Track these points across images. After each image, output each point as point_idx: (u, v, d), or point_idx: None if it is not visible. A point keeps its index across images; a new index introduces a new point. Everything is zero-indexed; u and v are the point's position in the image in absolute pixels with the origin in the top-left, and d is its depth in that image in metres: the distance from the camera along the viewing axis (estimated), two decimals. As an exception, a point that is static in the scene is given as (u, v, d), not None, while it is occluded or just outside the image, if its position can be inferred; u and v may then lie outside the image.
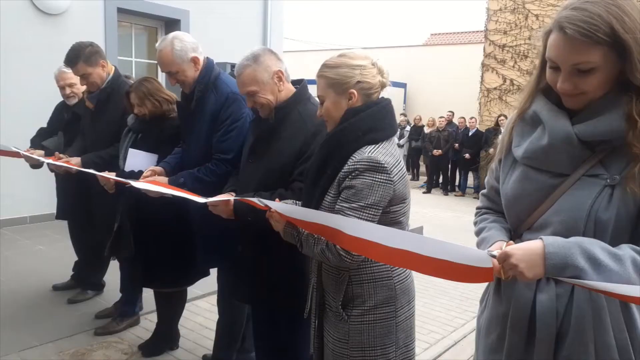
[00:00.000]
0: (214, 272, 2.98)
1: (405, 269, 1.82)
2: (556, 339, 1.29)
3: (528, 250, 1.16)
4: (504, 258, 1.18)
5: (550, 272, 1.14)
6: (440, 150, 11.71)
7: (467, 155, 11.26)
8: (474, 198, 11.25)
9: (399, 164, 1.74)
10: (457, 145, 11.56)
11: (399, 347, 1.80)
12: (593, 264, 1.12)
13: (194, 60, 2.57)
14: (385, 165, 1.65)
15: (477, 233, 1.52)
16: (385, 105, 1.79)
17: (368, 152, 1.67)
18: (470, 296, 4.56)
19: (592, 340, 1.25)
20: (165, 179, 2.59)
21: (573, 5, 1.20)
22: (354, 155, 1.69)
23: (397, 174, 1.70)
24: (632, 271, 1.11)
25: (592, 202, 1.22)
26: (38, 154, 3.54)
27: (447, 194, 11.82)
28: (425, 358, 3.38)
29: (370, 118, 1.73)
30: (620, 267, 1.11)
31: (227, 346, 2.95)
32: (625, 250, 1.15)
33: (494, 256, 1.20)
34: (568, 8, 1.21)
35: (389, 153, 1.71)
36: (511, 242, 1.28)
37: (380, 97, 1.82)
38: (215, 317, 3.03)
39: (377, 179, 1.64)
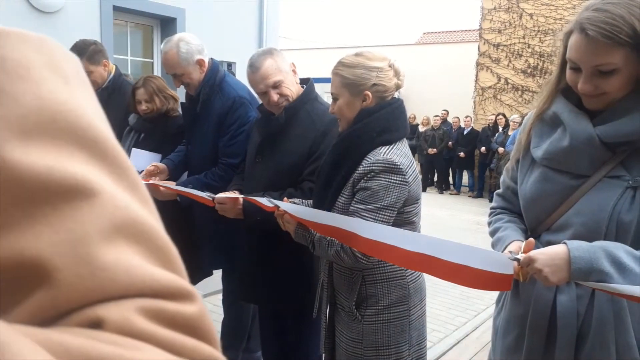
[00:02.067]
0: (217, 271, 2.97)
1: None
2: (577, 340, 1.30)
3: (552, 254, 1.17)
4: (528, 262, 1.18)
5: (576, 276, 1.14)
6: (435, 149, 11.74)
7: (461, 154, 11.30)
8: (469, 197, 11.30)
9: (412, 164, 1.74)
10: (451, 143, 11.60)
11: (412, 346, 1.81)
12: (618, 268, 1.12)
13: (200, 63, 2.54)
14: (401, 167, 1.65)
15: (492, 233, 1.52)
16: (399, 106, 1.79)
17: (383, 154, 1.67)
18: (470, 294, 4.57)
19: (613, 341, 1.25)
20: (172, 184, 2.57)
21: (594, 7, 1.20)
22: (368, 156, 1.68)
23: (411, 174, 1.70)
24: None
25: (614, 204, 1.22)
26: None
27: (442, 193, 11.86)
28: (429, 357, 3.38)
29: (384, 119, 1.73)
30: None
31: (232, 346, 2.94)
32: None
33: (517, 259, 1.20)
34: (589, 9, 1.21)
35: (403, 154, 1.71)
36: (531, 239, 1.28)
37: (392, 97, 1.81)
38: (218, 317, 3.02)
39: (393, 181, 1.64)
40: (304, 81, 2.26)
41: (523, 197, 1.43)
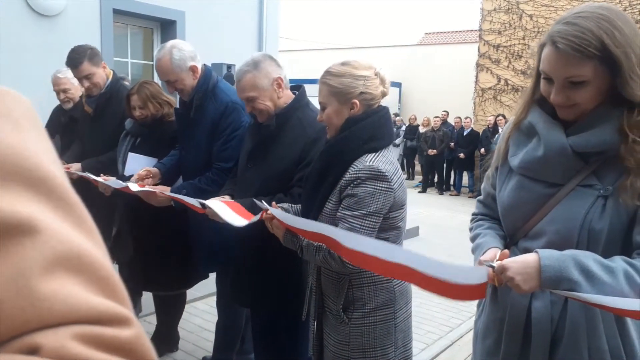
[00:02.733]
0: (212, 274, 3.01)
1: None
2: (551, 344, 1.33)
3: (524, 263, 1.20)
4: (501, 270, 1.22)
5: (546, 284, 1.18)
6: (435, 150, 11.76)
7: (461, 155, 11.33)
8: (469, 197, 11.32)
9: (397, 171, 1.78)
10: (452, 144, 11.62)
11: (398, 347, 1.85)
12: (587, 276, 1.15)
13: (193, 69, 2.59)
14: (386, 174, 1.69)
15: (472, 239, 1.57)
16: (385, 114, 1.83)
17: (369, 161, 1.71)
18: (466, 296, 4.60)
19: (585, 346, 1.29)
20: (166, 189, 2.61)
21: (565, 20, 1.24)
22: (355, 163, 1.72)
23: (396, 181, 1.74)
24: (625, 283, 1.15)
25: (586, 212, 1.25)
26: None
27: (442, 194, 11.88)
28: (423, 358, 3.43)
29: (370, 127, 1.77)
30: (613, 280, 1.15)
31: (226, 348, 2.98)
32: (618, 262, 1.18)
33: (492, 266, 1.24)
34: (561, 22, 1.25)
35: (389, 161, 1.75)
36: (505, 250, 1.32)
37: (378, 105, 1.85)
38: (214, 318, 3.06)
39: (378, 187, 1.68)
40: (295, 88, 2.30)
41: (501, 204, 1.47)
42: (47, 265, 0.33)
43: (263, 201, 1.91)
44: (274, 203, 1.94)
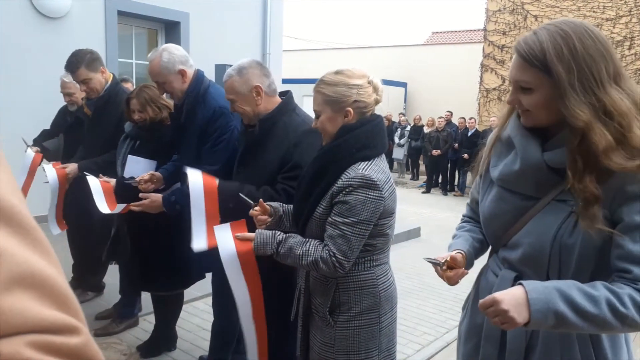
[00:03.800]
0: (209, 274, 3.06)
1: (389, 278, 1.91)
2: (526, 351, 1.37)
3: (514, 296, 1.19)
4: (491, 303, 1.20)
5: (535, 317, 1.17)
6: (439, 150, 11.76)
7: (465, 155, 11.31)
8: (473, 198, 11.29)
9: (389, 180, 1.82)
10: (456, 145, 11.60)
11: (382, 351, 1.89)
12: (571, 306, 1.16)
13: (182, 73, 2.65)
14: (378, 183, 1.73)
15: (452, 238, 1.65)
16: (378, 123, 1.86)
17: (362, 170, 1.74)
18: (463, 298, 4.60)
19: (558, 354, 1.32)
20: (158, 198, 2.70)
21: (535, 29, 1.30)
22: (347, 171, 1.76)
23: (387, 190, 1.78)
24: (607, 312, 1.15)
25: (558, 227, 1.28)
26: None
27: (446, 194, 11.87)
28: (418, 359, 3.46)
29: (364, 135, 1.80)
30: (596, 309, 1.15)
31: (222, 347, 3.02)
32: (601, 290, 1.18)
33: (437, 263, 1.38)
34: (531, 30, 1.30)
35: (381, 170, 1.79)
36: (452, 253, 1.43)
37: (372, 113, 1.88)
38: (211, 317, 3.11)
39: (369, 196, 1.72)
40: (283, 93, 2.36)
41: (482, 214, 1.50)
42: (5, 284, 0.38)
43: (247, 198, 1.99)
44: (260, 200, 1.98)
